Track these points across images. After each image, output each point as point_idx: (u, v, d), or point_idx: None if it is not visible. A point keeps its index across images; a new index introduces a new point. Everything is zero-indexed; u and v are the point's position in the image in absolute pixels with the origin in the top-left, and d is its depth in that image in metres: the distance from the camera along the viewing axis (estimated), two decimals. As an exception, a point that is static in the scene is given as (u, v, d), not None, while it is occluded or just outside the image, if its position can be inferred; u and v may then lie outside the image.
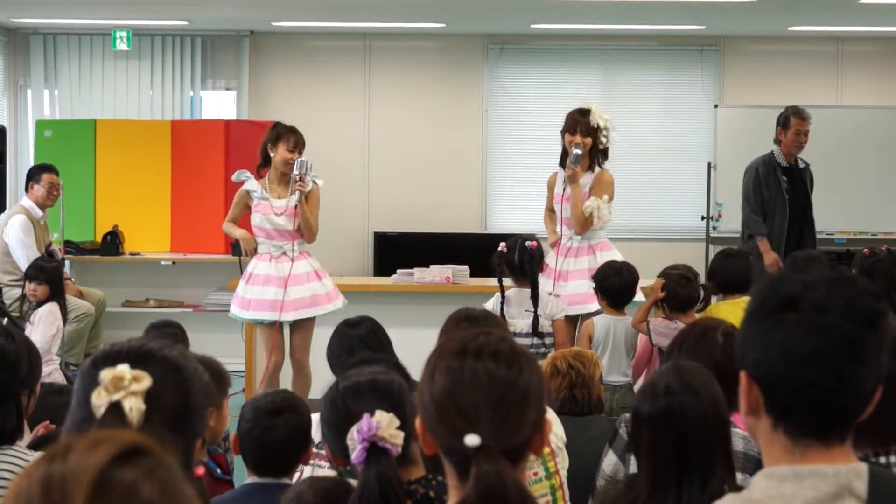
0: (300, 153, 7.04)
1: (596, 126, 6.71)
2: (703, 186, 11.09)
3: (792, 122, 8.47)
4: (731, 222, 10.87)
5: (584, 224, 6.72)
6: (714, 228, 11.06)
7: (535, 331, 6.03)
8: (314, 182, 7.10)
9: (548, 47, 11.61)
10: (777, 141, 8.56)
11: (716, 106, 11.35)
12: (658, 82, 11.67)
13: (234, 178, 7.21)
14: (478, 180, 11.57)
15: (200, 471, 2.12)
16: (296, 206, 6.98)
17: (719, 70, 11.64)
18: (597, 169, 6.80)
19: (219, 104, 11.82)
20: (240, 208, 7.17)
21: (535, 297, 6.08)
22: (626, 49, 11.63)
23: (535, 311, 6.05)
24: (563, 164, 6.83)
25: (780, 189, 8.47)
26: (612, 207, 6.81)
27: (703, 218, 11.11)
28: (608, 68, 11.70)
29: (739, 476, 3.22)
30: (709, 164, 11.09)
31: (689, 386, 2.80)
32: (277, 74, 11.60)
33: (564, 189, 6.79)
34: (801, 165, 8.63)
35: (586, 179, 6.78)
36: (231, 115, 11.42)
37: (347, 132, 11.56)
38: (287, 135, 7.03)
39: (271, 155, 7.05)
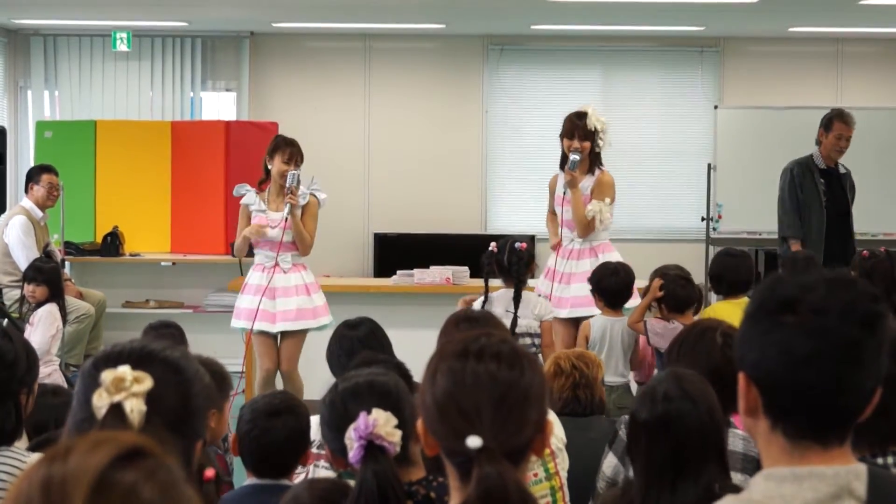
0: (297, 165, 7.03)
1: (594, 129, 6.69)
2: (703, 187, 11.07)
3: (835, 125, 8.20)
4: (731, 223, 11.01)
5: (587, 228, 6.71)
6: (714, 230, 11.05)
7: (513, 332, 5.90)
8: (314, 195, 7.12)
9: (548, 48, 11.58)
10: (818, 142, 8.32)
11: (715, 107, 11.32)
12: (658, 83, 11.63)
13: (234, 192, 7.24)
14: (478, 181, 11.54)
15: (211, 473, 2.12)
16: (286, 218, 6.98)
17: (719, 71, 11.61)
18: (597, 171, 6.78)
19: (219, 105, 11.78)
20: (245, 222, 7.15)
21: (516, 299, 6.02)
22: (626, 50, 11.60)
23: (515, 313, 5.98)
24: (563, 167, 6.82)
25: (816, 192, 8.24)
26: (613, 209, 6.81)
27: (702, 219, 11.09)
28: (608, 69, 11.67)
29: (739, 477, 3.24)
30: (709, 164, 11.06)
31: (686, 393, 2.83)
32: (277, 75, 11.57)
33: (565, 192, 6.78)
34: (843, 171, 8.38)
35: (587, 182, 6.76)
36: (231, 115, 11.38)
37: (347, 133, 11.52)
38: (283, 147, 7.05)
39: (269, 167, 7.08)
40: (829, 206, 8.26)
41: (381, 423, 2.36)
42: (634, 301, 6.20)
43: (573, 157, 6.67)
